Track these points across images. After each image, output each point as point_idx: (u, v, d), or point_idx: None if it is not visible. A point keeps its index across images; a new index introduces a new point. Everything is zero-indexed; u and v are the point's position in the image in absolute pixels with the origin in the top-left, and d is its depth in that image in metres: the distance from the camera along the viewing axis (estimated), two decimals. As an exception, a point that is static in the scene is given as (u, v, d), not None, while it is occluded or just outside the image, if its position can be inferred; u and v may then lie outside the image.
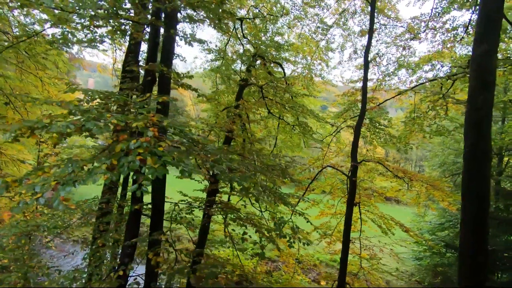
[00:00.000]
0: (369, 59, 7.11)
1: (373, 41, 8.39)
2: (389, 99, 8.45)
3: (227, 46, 8.63)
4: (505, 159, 11.96)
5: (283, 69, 9.22)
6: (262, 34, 8.31)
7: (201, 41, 4.58)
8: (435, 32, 8.09)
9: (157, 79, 4.47)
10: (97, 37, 4.34)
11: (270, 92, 7.72)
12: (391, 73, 8.59)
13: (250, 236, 5.18)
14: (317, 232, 9.75)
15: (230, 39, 8.33)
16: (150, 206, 4.93)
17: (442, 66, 8.11)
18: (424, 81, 8.64)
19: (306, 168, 9.61)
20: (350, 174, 7.05)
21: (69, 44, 4.54)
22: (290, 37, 9.77)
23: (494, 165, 11.50)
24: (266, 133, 10.69)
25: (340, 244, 9.35)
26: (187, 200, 6.26)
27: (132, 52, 5.72)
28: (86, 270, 5.25)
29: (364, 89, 7.00)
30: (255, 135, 11.85)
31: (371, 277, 10.06)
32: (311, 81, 9.36)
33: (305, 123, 8.15)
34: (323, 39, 8.63)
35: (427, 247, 12.01)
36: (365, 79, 6.99)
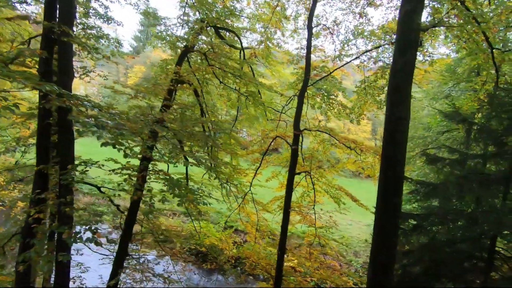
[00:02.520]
0: (312, 24, 6.86)
1: (328, 8, 8.06)
2: (338, 68, 8.25)
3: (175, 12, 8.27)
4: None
5: (240, 39, 8.93)
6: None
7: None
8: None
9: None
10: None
11: (218, 61, 7.49)
12: (346, 42, 8.32)
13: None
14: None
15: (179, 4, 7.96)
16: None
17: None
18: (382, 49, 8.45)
19: (260, 140, 9.56)
20: (292, 142, 7.03)
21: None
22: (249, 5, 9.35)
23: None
24: (230, 105, 10.56)
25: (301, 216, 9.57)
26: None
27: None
28: None
29: (307, 56, 6.81)
30: (216, 108, 11.77)
31: (327, 247, 10.40)
32: (268, 50, 9.07)
33: (253, 92, 7.98)
34: (278, 4, 8.26)
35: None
36: (308, 46, 6.79)
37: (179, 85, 7.53)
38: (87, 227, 4.47)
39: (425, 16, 6.36)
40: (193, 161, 5.56)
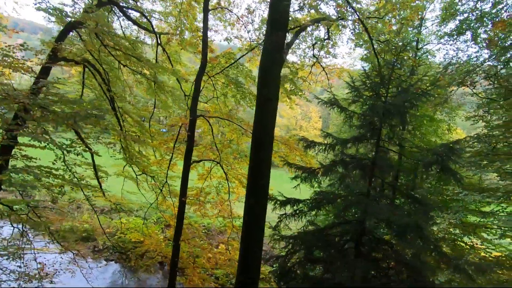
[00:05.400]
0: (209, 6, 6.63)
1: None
2: (244, 55, 8.15)
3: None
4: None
5: (150, 21, 8.43)
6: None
7: None
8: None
9: None
10: None
11: (113, 41, 6.93)
12: (259, 30, 8.24)
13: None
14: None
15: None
16: None
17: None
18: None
19: (166, 127, 9.15)
20: (188, 128, 6.75)
21: None
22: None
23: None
24: (145, 93, 9.99)
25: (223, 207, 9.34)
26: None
27: None
28: None
29: (204, 39, 6.56)
30: (134, 95, 11.12)
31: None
32: (181, 35, 8.68)
33: (155, 77, 7.57)
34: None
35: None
36: (204, 29, 6.53)
37: (72, 66, 6.87)
38: None
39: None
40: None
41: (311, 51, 8.85)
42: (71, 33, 6.71)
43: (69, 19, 6.79)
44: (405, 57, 7.51)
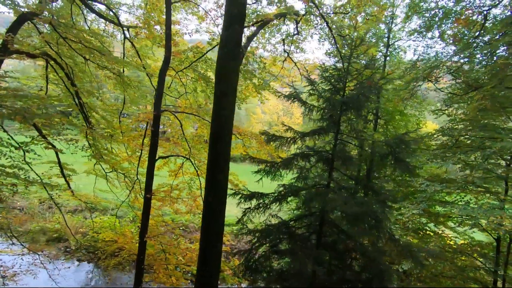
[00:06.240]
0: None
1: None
2: (210, 50, 8.08)
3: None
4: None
5: (115, 13, 8.17)
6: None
7: None
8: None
9: None
10: None
11: (71, 34, 6.67)
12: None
13: None
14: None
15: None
16: None
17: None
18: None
19: (132, 123, 8.98)
20: (152, 123, 6.64)
21: None
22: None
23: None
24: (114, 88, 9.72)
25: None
26: None
27: None
28: None
29: (167, 32, 6.44)
30: (103, 91, 10.80)
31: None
32: (150, 29, 8.48)
33: (119, 71, 7.36)
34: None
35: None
36: (167, 22, 6.40)
37: (24, 58, 6.58)
38: None
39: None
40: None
41: (281, 46, 8.89)
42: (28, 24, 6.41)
43: (25, 9, 6.49)
44: (370, 53, 7.68)
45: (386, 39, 12.62)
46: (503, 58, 6.33)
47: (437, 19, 9.40)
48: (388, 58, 13.28)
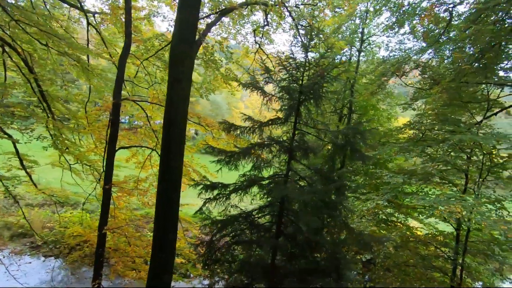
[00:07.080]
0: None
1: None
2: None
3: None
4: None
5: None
6: None
7: None
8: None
9: None
10: None
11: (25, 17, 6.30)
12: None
13: None
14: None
15: None
16: None
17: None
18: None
19: (94, 112, 8.66)
20: (111, 112, 6.42)
21: None
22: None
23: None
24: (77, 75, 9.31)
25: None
26: None
27: None
28: None
29: (127, 18, 6.20)
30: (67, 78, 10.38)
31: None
32: (115, 15, 8.14)
33: (78, 57, 7.04)
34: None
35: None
36: (127, 7, 6.17)
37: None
38: None
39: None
40: None
41: (252, 37, 8.80)
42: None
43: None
44: (337, 45, 7.72)
45: (360, 34, 12.77)
46: (458, 52, 6.51)
47: (406, 15, 9.57)
48: (363, 53, 13.48)
